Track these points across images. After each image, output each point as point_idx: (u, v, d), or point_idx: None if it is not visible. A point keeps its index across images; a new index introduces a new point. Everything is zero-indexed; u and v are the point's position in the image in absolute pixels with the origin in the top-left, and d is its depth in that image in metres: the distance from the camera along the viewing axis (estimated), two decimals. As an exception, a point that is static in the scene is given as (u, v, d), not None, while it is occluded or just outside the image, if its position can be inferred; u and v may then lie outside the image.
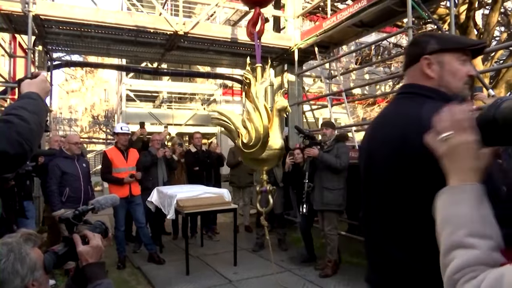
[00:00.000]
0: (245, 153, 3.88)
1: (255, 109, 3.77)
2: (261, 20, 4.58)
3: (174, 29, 6.90)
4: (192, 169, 6.98)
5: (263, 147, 3.76)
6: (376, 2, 6.00)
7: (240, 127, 3.89)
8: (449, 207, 0.84)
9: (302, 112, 8.69)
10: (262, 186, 4.12)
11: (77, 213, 1.39)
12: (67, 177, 4.69)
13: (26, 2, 6.09)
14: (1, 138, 1.09)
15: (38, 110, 1.27)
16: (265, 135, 3.69)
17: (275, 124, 3.94)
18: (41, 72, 1.48)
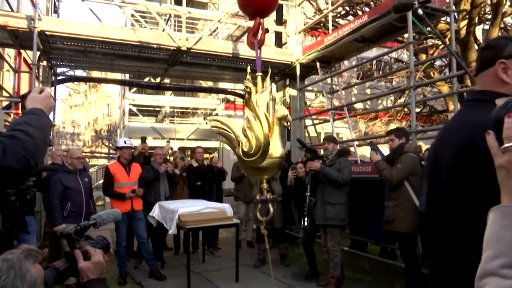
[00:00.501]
0: (246, 161, 3.87)
1: (255, 117, 3.78)
2: (262, 30, 4.63)
3: (177, 44, 6.98)
4: (194, 183, 6.96)
5: (263, 156, 3.76)
6: (376, 18, 6.06)
7: (240, 135, 3.89)
8: (496, 228, 0.79)
9: (304, 127, 8.71)
10: (262, 195, 4.11)
11: (78, 228, 1.38)
12: (69, 191, 4.68)
13: (32, 19, 6.18)
14: (8, 154, 1.10)
15: (42, 125, 1.29)
16: (265, 143, 3.69)
17: (276, 132, 3.94)
18: (45, 88, 1.50)
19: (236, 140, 3.93)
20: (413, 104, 5.53)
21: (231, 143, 4.01)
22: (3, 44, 7.18)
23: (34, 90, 1.45)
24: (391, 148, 4.65)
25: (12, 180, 1.16)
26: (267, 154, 3.77)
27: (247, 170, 4.11)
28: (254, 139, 3.75)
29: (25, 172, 1.16)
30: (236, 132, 3.94)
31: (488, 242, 0.80)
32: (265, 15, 4.74)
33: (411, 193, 4.23)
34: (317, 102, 15.22)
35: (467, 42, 9.19)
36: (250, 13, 4.78)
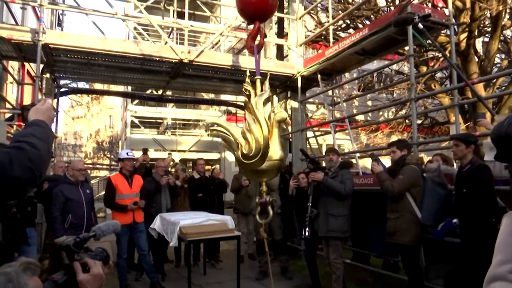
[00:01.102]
0: (245, 164, 3.87)
1: (255, 120, 3.80)
2: (261, 34, 4.67)
3: (179, 57, 7.04)
4: (196, 195, 6.95)
5: (263, 158, 3.76)
6: (377, 31, 6.12)
7: (239, 138, 3.90)
8: (507, 234, 0.80)
9: (305, 139, 8.71)
10: (262, 198, 4.10)
11: (78, 240, 1.37)
12: (70, 203, 4.68)
13: (36, 32, 6.26)
14: (15, 165, 1.12)
15: (46, 137, 1.32)
16: (265, 145, 3.70)
17: (275, 135, 3.96)
18: (47, 100, 1.52)
19: (235, 143, 3.94)
20: (414, 116, 5.55)
21: (230, 146, 4.02)
22: (7, 56, 7.26)
23: (37, 102, 1.49)
24: (393, 160, 4.65)
25: (17, 190, 1.18)
26: (266, 157, 3.78)
27: (246, 172, 4.12)
28: (253, 142, 3.76)
29: (30, 183, 1.19)
30: (235, 135, 3.95)
31: (499, 247, 0.81)
32: (263, 19, 4.80)
33: (413, 205, 4.22)
34: (319, 114, 15.26)
35: (467, 54, 9.25)
36: (249, 18, 4.83)
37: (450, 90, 8.22)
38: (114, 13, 7.21)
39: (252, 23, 4.69)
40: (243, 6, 4.68)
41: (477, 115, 7.04)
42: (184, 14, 7.48)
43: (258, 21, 4.59)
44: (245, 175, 4.30)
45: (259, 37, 4.68)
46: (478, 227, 3.53)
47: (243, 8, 4.72)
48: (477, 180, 3.62)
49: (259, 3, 4.53)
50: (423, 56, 10.65)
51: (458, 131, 5.53)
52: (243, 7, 4.69)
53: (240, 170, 4.37)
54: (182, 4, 8.05)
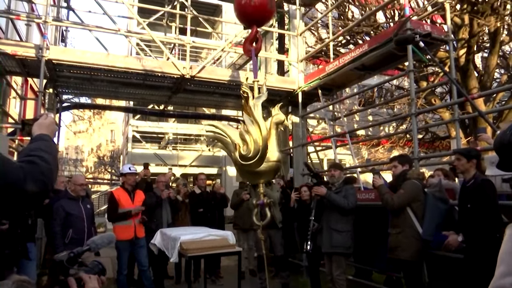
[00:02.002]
0: (243, 165, 3.86)
1: (253, 121, 3.81)
2: (259, 38, 4.73)
3: (181, 72, 7.10)
4: (196, 210, 6.92)
5: (261, 159, 3.76)
6: (377, 47, 6.18)
7: (237, 139, 3.90)
8: (510, 245, 0.80)
9: (306, 153, 8.71)
10: (259, 200, 4.09)
11: (71, 255, 1.37)
12: (71, 218, 4.67)
13: (40, 48, 6.34)
14: (29, 178, 1.17)
15: (53, 151, 1.37)
16: (264, 146, 3.70)
17: (273, 137, 3.97)
18: (49, 114, 1.55)
19: (232, 144, 3.94)
20: (415, 130, 5.56)
21: (227, 147, 4.03)
22: (11, 72, 7.33)
23: (40, 117, 1.53)
24: (394, 174, 4.65)
25: (32, 202, 1.23)
26: (265, 158, 3.78)
27: (244, 174, 4.10)
28: (252, 143, 3.76)
29: (43, 195, 1.25)
30: (232, 136, 3.96)
31: (502, 258, 0.81)
32: (261, 24, 4.87)
33: (414, 220, 4.19)
34: (319, 129, 15.31)
35: (467, 69, 9.32)
36: (247, 22, 4.90)
37: (450, 105, 8.25)
38: (117, 30, 7.31)
39: (250, 28, 4.76)
40: (242, 10, 4.75)
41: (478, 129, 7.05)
42: (186, 30, 7.58)
43: (256, 26, 4.67)
44: (242, 177, 4.28)
45: (257, 41, 4.75)
46: (482, 243, 3.50)
47: (242, 12, 4.78)
48: (481, 195, 3.61)
49: (258, 8, 4.60)
50: (423, 71, 10.73)
51: (459, 145, 5.54)
52: (242, 11, 4.76)
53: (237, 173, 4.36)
54: (184, 20, 8.17)
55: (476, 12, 8.73)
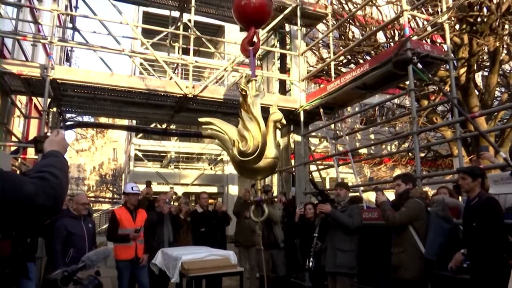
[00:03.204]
0: (241, 162, 3.86)
1: (252, 118, 3.84)
2: (257, 38, 4.81)
3: (183, 92, 7.17)
4: (198, 229, 6.87)
5: (260, 155, 3.77)
6: (377, 66, 6.24)
7: (235, 136, 3.92)
8: None
9: (308, 172, 8.69)
10: (257, 196, 4.09)
11: (65, 274, 1.36)
12: (72, 237, 4.64)
13: (45, 68, 6.43)
14: (41, 193, 1.20)
15: (63, 166, 1.41)
16: (263, 143, 3.71)
17: (270, 134, 3.99)
18: (61, 131, 1.59)
19: (230, 141, 3.96)
20: (417, 149, 5.56)
21: (224, 144, 4.05)
22: (16, 91, 7.42)
23: (51, 133, 1.59)
24: (397, 193, 4.63)
25: (43, 217, 1.27)
26: (263, 154, 3.79)
27: (242, 171, 4.11)
28: (251, 138, 3.78)
29: (54, 210, 1.27)
30: (229, 133, 3.99)
31: None
32: (259, 25, 4.97)
33: (416, 239, 4.15)
34: (322, 147, 15.31)
35: (467, 88, 9.37)
36: (245, 24, 4.99)
37: (451, 124, 8.27)
38: (122, 50, 7.43)
39: (248, 29, 4.86)
40: (241, 11, 4.85)
41: (480, 148, 7.04)
42: (189, 50, 7.68)
43: (255, 27, 4.76)
44: (240, 173, 4.29)
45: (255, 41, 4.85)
46: (489, 263, 3.45)
47: (241, 13, 4.88)
48: (487, 214, 3.57)
49: (257, 9, 4.71)
50: (424, 90, 10.80)
51: (461, 164, 5.52)
52: (241, 12, 4.86)
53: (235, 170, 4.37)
54: (187, 40, 8.29)
55: (475, 32, 8.85)
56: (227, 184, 16.51)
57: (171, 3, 8.76)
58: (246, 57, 4.99)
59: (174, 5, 8.77)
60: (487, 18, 8.81)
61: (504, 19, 8.82)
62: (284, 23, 9.12)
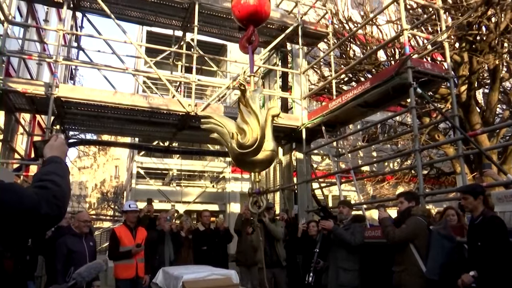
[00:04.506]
0: (240, 154, 3.91)
1: (250, 112, 3.92)
2: (255, 36, 4.91)
3: (186, 110, 7.23)
4: (200, 248, 6.80)
5: (259, 148, 3.83)
6: (378, 84, 6.29)
7: (233, 129, 4.00)
8: None
9: (311, 190, 8.66)
10: (255, 188, 4.12)
11: None
12: (74, 255, 4.59)
13: (49, 86, 6.51)
14: (43, 203, 1.20)
15: (64, 173, 1.40)
16: (262, 135, 3.78)
17: (268, 127, 4.08)
18: (60, 135, 1.59)
19: (228, 134, 4.02)
20: (419, 167, 5.55)
21: (223, 137, 4.11)
22: (20, 109, 7.49)
23: (51, 139, 1.57)
24: (399, 211, 4.60)
25: (46, 226, 1.27)
26: (262, 146, 3.85)
27: (240, 164, 4.15)
28: (250, 131, 3.86)
29: (58, 218, 1.27)
30: (228, 126, 4.06)
31: None
32: (258, 24, 5.08)
33: (417, 257, 4.10)
34: (324, 165, 15.28)
35: (468, 105, 9.40)
36: (244, 22, 5.09)
37: (453, 141, 8.27)
38: (125, 68, 7.52)
39: (246, 28, 4.98)
40: (240, 10, 4.95)
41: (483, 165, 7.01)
42: (192, 69, 7.77)
43: (253, 26, 4.88)
44: (238, 166, 4.33)
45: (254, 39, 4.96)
46: (496, 283, 3.39)
47: (240, 12, 4.98)
48: (492, 233, 3.54)
49: (256, 8, 4.83)
50: (425, 108, 10.84)
51: (465, 182, 5.50)
52: (240, 11, 4.97)
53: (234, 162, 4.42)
54: (190, 59, 8.41)
55: (474, 50, 8.93)
56: (229, 202, 16.44)
57: (174, 23, 8.91)
58: (245, 53, 5.17)
59: (178, 24, 8.92)
60: (486, 37, 8.91)
61: (503, 38, 8.92)
62: (285, 42, 9.25)
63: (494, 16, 8.70)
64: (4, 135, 7.34)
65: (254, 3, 4.67)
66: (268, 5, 4.81)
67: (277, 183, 9.61)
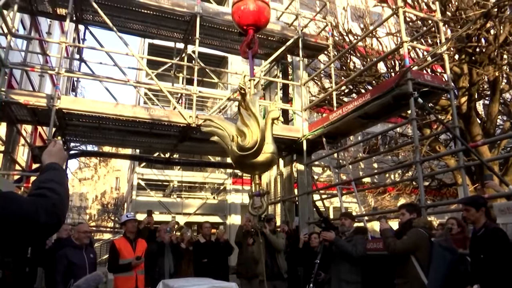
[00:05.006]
0: (240, 157, 3.90)
1: (250, 115, 3.92)
2: (255, 41, 4.94)
3: (187, 121, 7.25)
4: (200, 260, 6.75)
5: (259, 150, 3.83)
6: (379, 96, 6.31)
7: (234, 132, 4.00)
8: None
9: (312, 202, 8.63)
10: (255, 191, 4.11)
11: None
12: (74, 267, 4.55)
13: (51, 98, 6.55)
14: (42, 212, 1.19)
15: (62, 180, 1.39)
16: (262, 137, 3.78)
17: (268, 130, 4.11)
18: (58, 141, 1.58)
19: (229, 137, 4.03)
20: (421, 178, 5.53)
21: (223, 140, 4.14)
22: (22, 120, 7.52)
23: (49, 145, 1.57)
24: (401, 222, 4.58)
25: (45, 234, 1.26)
26: (262, 149, 3.86)
27: (241, 166, 4.16)
28: (250, 134, 3.87)
29: (56, 226, 1.26)
30: (228, 129, 4.09)
31: None
32: (257, 30, 5.13)
33: (418, 269, 4.07)
34: (325, 176, 15.24)
35: (469, 117, 9.42)
36: (244, 27, 5.13)
37: (454, 153, 8.27)
38: (127, 80, 7.57)
39: (246, 33, 5.01)
40: (240, 16, 5.00)
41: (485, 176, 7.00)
42: (193, 80, 7.82)
43: (253, 31, 4.92)
44: (239, 168, 4.36)
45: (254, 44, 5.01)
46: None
47: (240, 18, 5.03)
48: (494, 245, 3.51)
49: (256, 14, 4.89)
50: (425, 119, 10.85)
51: (466, 193, 5.48)
52: (240, 17, 5.02)
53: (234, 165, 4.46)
54: (191, 71, 8.46)
55: (474, 62, 8.98)
56: (230, 213, 16.37)
57: (176, 35, 9.00)
58: (245, 58, 5.23)
59: (179, 37, 9.01)
60: (485, 49, 8.98)
61: (502, 50, 8.98)
62: (286, 54, 9.32)
63: (493, 29, 8.78)
64: (5, 146, 7.35)
65: (254, 9, 4.76)
66: (267, 10, 4.90)
67: (278, 194, 9.58)
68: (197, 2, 8.05)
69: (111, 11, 7.80)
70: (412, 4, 9.83)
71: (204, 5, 8.31)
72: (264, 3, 4.86)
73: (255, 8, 4.76)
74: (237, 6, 4.88)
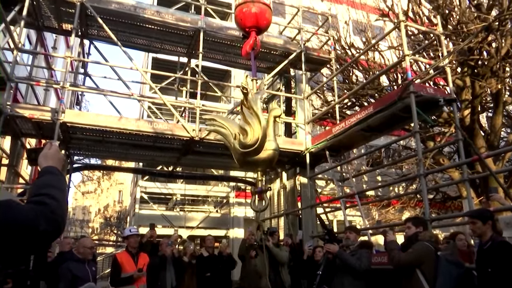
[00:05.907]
0: (242, 154, 3.95)
1: (252, 114, 4.01)
2: (257, 42, 5.01)
3: (190, 135, 7.27)
4: (203, 274, 6.68)
5: (260, 147, 3.89)
6: (382, 109, 6.32)
7: (236, 130, 4.08)
8: None
9: (315, 215, 8.57)
10: (257, 187, 4.14)
11: None
12: (77, 281, 4.52)
13: (56, 111, 6.60)
14: (41, 219, 1.18)
15: (60, 184, 1.37)
16: (263, 135, 3.85)
17: (270, 127, 4.17)
18: (53, 143, 1.55)
19: (231, 135, 4.10)
20: (425, 191, 5.50)
21: (226, 138, 4.22)
22: (26, 134, 7.57)
23: (45, 147, 1.52)
24: (407, 236, 4.53)
25: (45, 242, 1.24)
26: (264, 145, 3.90)
27: (243, 164, 4.20)
28: (252, 131, 3.96)
29: (56, 233, 1.24)
30: (230, 128, 4.18)
31: None
32: (259, 31, 5.20)
33: (424, 283, 4.01)
34: (328, 190, 15.16)
35: (472, 129, 9.40)
36: (246, 29, 5.19)
37: (458, 166, 8.22)
38: (131, 94, 7.63)
39: (248, 35, 5.08)
40: (243, 18, 5.07)
41: (489, 189, 6.94)
42: (197, 94, 7.87)
43: (255, 33, 4.99)
44: (241, 166, 4.39)
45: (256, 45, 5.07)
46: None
47: (243, 20, 5.10)
48: (501, 259, 3.47)
49: (258, 16, 4.96)
50: (429, 132, 10.84)
51: (471, 206, 5.43)
52: (243, 19, 5.08)
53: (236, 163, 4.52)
54: (194, 85, 8.52)
55: (476, 75, 9.01)
56: (233, 227, 16.27)
57: (180, 50, 9.09)
58: (247, 59, 5.32)
59: (183, 51, 9.10)
60: (487, 62, 9.01)
61: (505, 62, 9.01)
62: (289, 67, 9.38)
63: (495, 42, 8.82)
64: (10, 160, 7.38)
65: (256, 11, 4.86)
66: (269, 12, 4.99)
67: (281, 208, 9.53)
68: (201, 17, 8.16)
69: (116, 26, 7.91)
70: (413, 18, 9.92)
71: (207, 20, 8.42)
72: (266, 6, 4.96)
73: (257, 11, 4.86)
74: (239, 9, 4.98)
